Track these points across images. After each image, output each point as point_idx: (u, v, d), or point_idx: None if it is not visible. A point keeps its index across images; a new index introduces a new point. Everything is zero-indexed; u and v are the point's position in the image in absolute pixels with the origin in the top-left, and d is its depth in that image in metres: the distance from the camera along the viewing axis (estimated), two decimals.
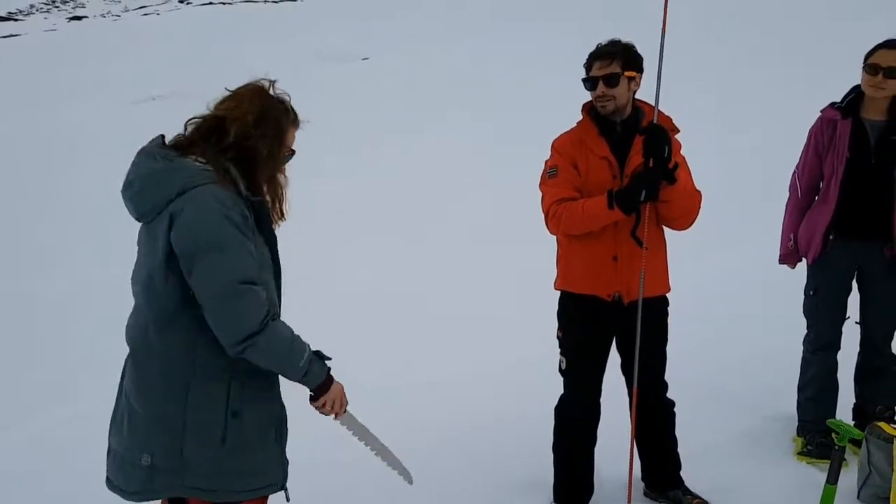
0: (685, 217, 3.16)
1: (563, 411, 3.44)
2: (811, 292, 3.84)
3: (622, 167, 3.12)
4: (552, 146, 3.28)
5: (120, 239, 2.54)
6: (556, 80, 8.42)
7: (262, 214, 2.21)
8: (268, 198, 2.26)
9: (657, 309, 3.25)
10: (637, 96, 3.20)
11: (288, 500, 2.35)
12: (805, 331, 3.93)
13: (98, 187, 8.00)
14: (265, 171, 2.23)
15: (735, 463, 3.77)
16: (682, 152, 3.20)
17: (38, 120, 9.45)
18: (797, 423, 3.94)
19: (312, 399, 2.33)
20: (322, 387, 2.29)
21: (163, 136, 2.23)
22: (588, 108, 3.23)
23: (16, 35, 17.01)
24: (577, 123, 3.27)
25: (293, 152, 2.35)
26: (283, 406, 2.36)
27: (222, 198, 2.10)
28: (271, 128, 2.21)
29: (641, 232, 3.06)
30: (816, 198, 3.80)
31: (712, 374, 4.58)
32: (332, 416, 2.37)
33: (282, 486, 2.32)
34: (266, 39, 13.74)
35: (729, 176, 7.11)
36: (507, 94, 9.75)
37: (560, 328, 3.37)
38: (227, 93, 2.27)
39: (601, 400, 3.39)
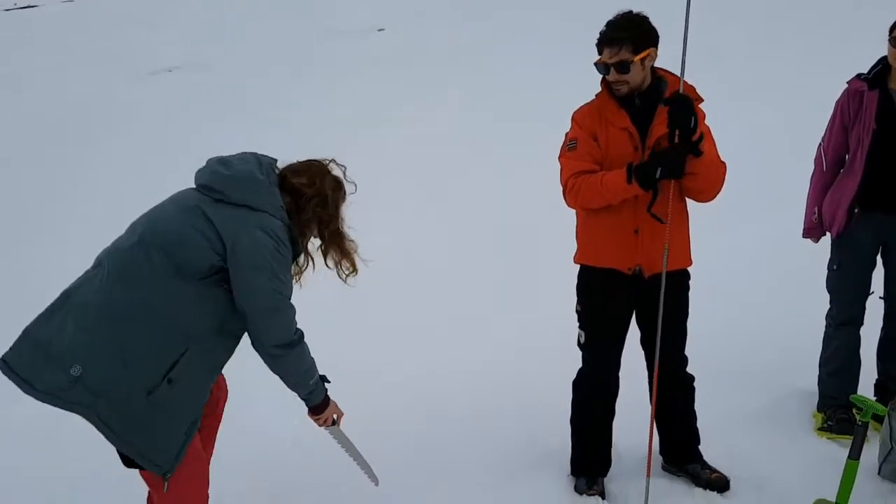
0: (710, 189, 3.11)
1: (582, 385, 3.42)
2: (835, 267, 3.79)
3: (644, 138, 3.07)
4: (572, 118, 3.23)
5: (137, 210, 2.52)
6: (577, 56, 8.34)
7: (295, 253, 2.58)
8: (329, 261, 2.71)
9: (678, 283, 3.22)
10: (657, 64, 3.12)
11: (166, 490, 2.40)
12: (828, 306, 3.88)
13: (118, 158, 8.06)
14: (333, 242, 2.68)
15: (754, 438, 3.74)
16: (706, 122, 3.14)
17: (56, 92, 9.45)
18: (818, 399, 3.91)
19: (310, 413, 2.74)
20: (320, 406, 2.70)
21: (275, 160, 2.59)
22: (606, 82, 3.14)
23: (33, 6, 16.96)
24: (596, 96, 3.21)
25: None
26: (199, 418, 2.46)
27: (280, 234, 2.44)
28: (335, 206, 2.64)
29: (658, 209, 3.01)
30: (842, 171, 3.74)
31: (732, 349, 4.54)
32: (324, 427, 2.80)
33: (164, 473, 2.37)
34: (279, 7, 13.58)
35: (753, 149, 6.99)
36: (512, 75, 9.59)
37: (579, 302, 3.34)
38: (299, 162, 2.64)
39: (620, 373, 3.37)
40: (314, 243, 2.70)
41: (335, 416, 2.81)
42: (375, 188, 3.49)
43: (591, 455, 3.43)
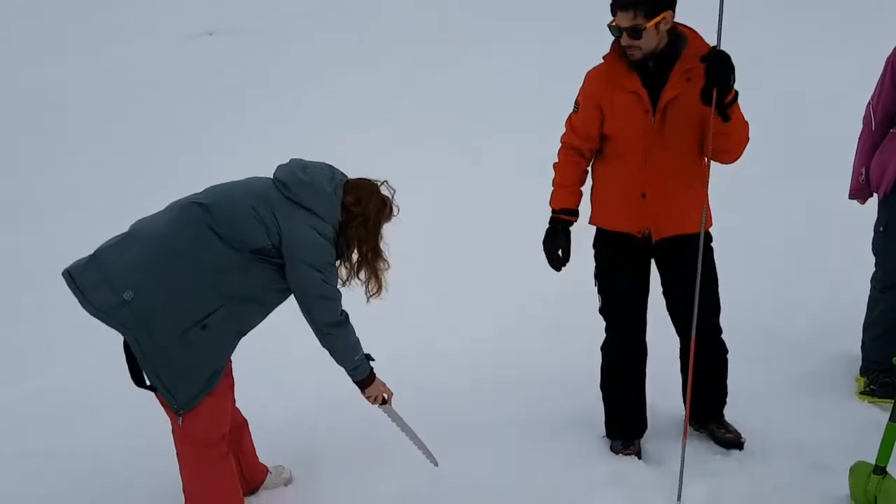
0: (736, 149, 3.01)
1: (608, 350, 3.42)
2: (881, 228, 3.70)
3: (655, 102, 2.97)
4: (584, 77, 3.16)
5: (182, 177, 2.62)
6: None
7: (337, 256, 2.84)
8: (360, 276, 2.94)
9: (692, 247, 3.05)
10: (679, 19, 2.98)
11: (181, 423, 2.59)
12: (873, 269, 3.80)
13: (160, 125, 8.16)
14: (367, 260, 2.91)
15: (795, 402, 3.71)
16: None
17: (94, 62, 9.51)
18: (860, 363, 3.86)
19: (361, 391, 2.98)
20: (366, 381, 2.94)
21: (345, 177, 2.86)
22: (618, 43, 3.00)
23: None
24: (604, 58, 3.09)
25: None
26: (223, 372, 2.67)
27: (329, 235, 2.74)
28: (376, 227, 2.88)
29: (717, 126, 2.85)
30: (892, 130, 3.63)
31: (773, 313, 4.49)
32: (377, 405, 3.04)
33: (178, 410, 2.57)
34: None
35: (795, 111, 6.84)
36: None
37: (595, 266, 3.33)
38: (355, 179, 2.87)
39: (652, 336, 3.36)
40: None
41: (385, 396, 3.06)
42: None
43: (623, 418, 3.44)
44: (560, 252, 3.25)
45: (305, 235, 2.66)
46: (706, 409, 3.43)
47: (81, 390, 4.01)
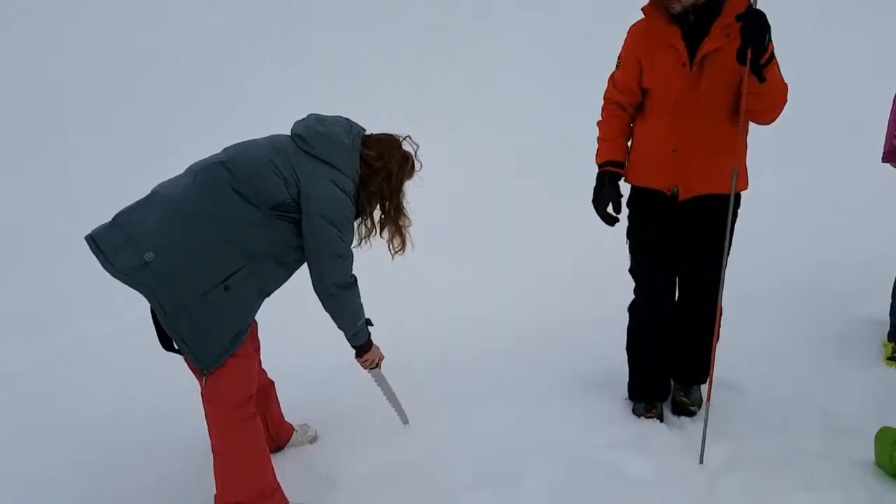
0: (771, 111, 2.93)
1: (634, 311, 3.41)
2: None
3: (693, 55, 2.92)
4: (627, 32, 3.13)
5: (192, 138, 2.61)
6: None
7: (357, 213, 2.81)
8: (384, 233, 2.91)
9: (717, 209, 3.03)
10: None
11: (204, 385, 2.61)
12: None
13: (185, 90, 8.12)
14: (390, 219, 2.89)
15: (819, 366, 3.70)
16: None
17: (111, 24, 9.36)
18: (888, 329, 3.83)
19: (357, 356, 2.98)
20: (364, 346, 2.95)
21: (364, 130, 2.81)
22: None
23: None
24: (644, 10, 3.05)
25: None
26: (247, 333, 2.64)
27: (349, 190, 2.68)
28: (399, 183, 2.84)
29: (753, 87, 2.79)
30: None
31: (803, 275, 4.46)
32: (367, 369, 3.06)
33: (203, 371, 2.58)
34: None
35: (831, 74, 6.69)
36: None
37: (627, 226, 3.31)
38: (376, 134, 2.83)
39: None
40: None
41: (377, 360, 3.07)
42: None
43: (647, 381, 3.44)
44: (611, 206, 3.20)
45: (324, 189, 2.62)
46: (681, 370, 3.45)
47: (112, 352, 4.07)
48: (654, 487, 2.91)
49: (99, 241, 2.52)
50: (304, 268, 2.79)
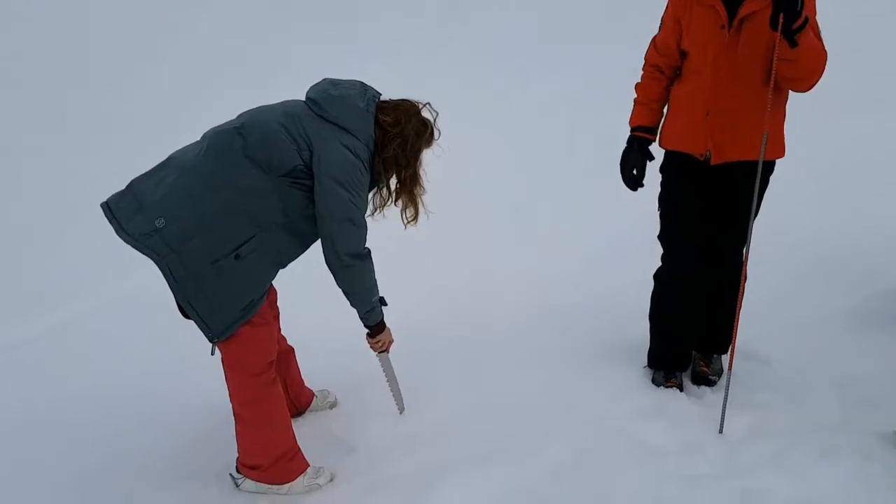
0: (806, 78, 2.89)
1: (661, 276, 3.39)
2: None
3: (732, 17, 2.88)
4: None
5: (202, 116, 2.60)
6: None
7: (372, 182, 2.75)
8: (399, 202, 2.83)
9: (750, 175, 2.99)
10: None
11: (212, 354, 2.63)
12: None
13: (202, 57, 8.09)
14: (406, 186, 2.80)
15: (842, 337, 3.67)
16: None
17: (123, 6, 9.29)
18: None
19: (369, 336, 2.93)
20: (378, 326, 2.89)
21: (379, 94, 2.74)
22: None
23: None
24: None
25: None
26: (260, 303, 2.61)
27: (363, 155, 2.62)
28: (416, 150, 2.75)
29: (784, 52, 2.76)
30: None
31: (825, 246, 4.41)
32: (376, 352, 3.02)
33: (212, 339, 2.57)
34: None
35: (860, 40, 6.55)
36: None
37: (659, 191, 3.28)
38: (394, 100, 2.75)
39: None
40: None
41: (388, 343, 3.01)
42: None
43: (667, 350, 3.43)
44: (634, 171, 3.20)
45: (336, 152, 2.55)
46: (702, 339, 3.44)
47: (129, 320, 4.10)
48: (674, 456, 2.91)
49: (113, 208, 2.52)
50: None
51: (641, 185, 3.24)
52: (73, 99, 7.09)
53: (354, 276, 2.68)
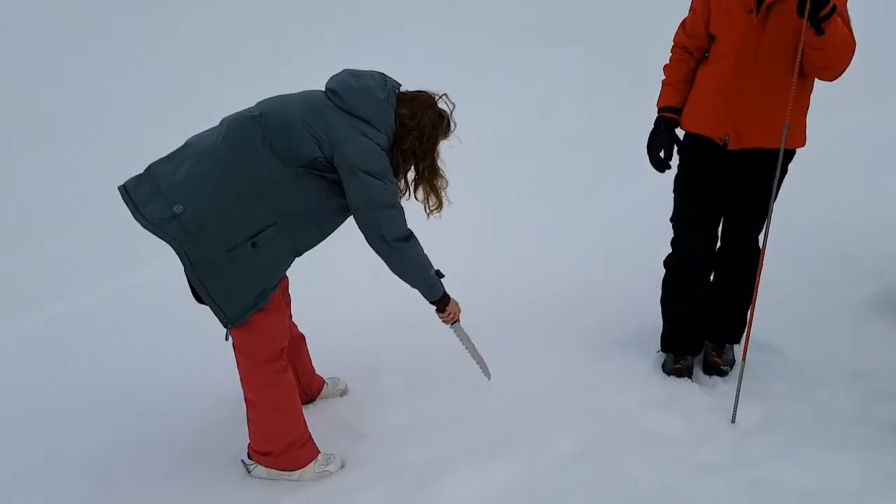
0: (833, 68, 2.86)
1: (671, 261, 3.39)
2: None
3: (760, 1, 2.86)
4: None
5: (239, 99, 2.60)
6: None
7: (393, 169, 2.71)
8: (419, 195, 2.82)
9: (769, 163, 2.99)
10: None
11: (226, 339, 2.67)
12: None
13: (220, 42, 8.10)
14: (417, 167, 2.78)
15: (856, 328, 3.64)
16: None
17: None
18: None
19: (438, 311, 2.92)
20: (443, 300, 2.87)
21: (399, 85, 2.73)
22: None
23: None
24: None
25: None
26: (273, 291, 2.62)
27: (382, 144, 2.62)
28: (433, 142, 2.74)
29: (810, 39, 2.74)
30: None
31: (840, 237, 4.37)
32: (449, 324, 2.99)
33: (227, 325, 2.59)
34: None
35: (885, 23, 6.46)
36: None
37: (676, 173, 3.27)
38: (411, 91, 2.73)
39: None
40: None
41: (457, 313, 3.00)
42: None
43: (677, 333, 3.43)
44: (662, 153, 3.19)
45: (359, 143, 2.55)
46: (716, 325, 3.43)
47: (141, 306, 4.12)
48: (684, 446, 2.90)
49: (131, 192, 2.52)
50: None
51: (668, 167, 3.23)
52: (75, 95, 7.10)
53: (406, 257, 2.69)
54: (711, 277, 3.38)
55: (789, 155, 3.07)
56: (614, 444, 2.91)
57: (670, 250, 3.39)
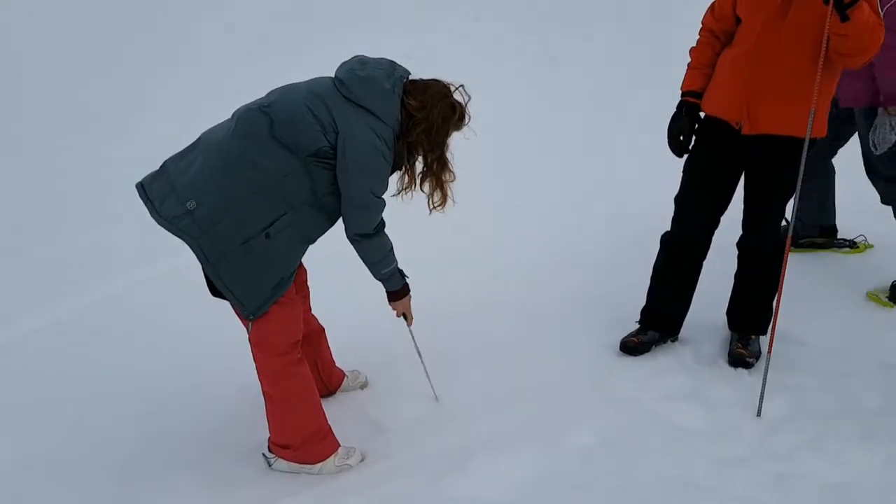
0: (859, 54, 2.81)
1: (666, 241, 3.40)
2: None
3: None
4: None
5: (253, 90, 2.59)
6: None
7: (396, 165, 2.71)
8: (425, 187, 2.77)
9: (785, 151, 2.98)
10: None
11: (249, 330, 2.65)
12: None
13: (234, 36, 8.11)
14: (425, 159, 2.74)
15: (879, 318, 3.61)
16: None
17: None
18: None
19: (389, 300, 2.93)
20: (395, 293, 2.90)
21: (408, 73, 2.66)
22: None
23: None
24: None
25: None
26: (290, 280, 2.64)
27: (387, 139, 2.58)
28: (442, 135, 2.68)
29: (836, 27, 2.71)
30: None
31: (866, 224, 4.29)
32: (407, 325, 3.04)
33: (248, 317, 2.60)
34: None
35: None
36: None
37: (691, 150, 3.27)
38: (424, 81, 2.67)
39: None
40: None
41: (406, 315, 3.01)
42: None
43: (657, 309, 3.44)
44: (681, 136, 3.18)
45: (361, 135, 2.52)
46: (739, 316, 3.41)
47: (159, 299, 4.14)
48: (708, 438, 2.88)
49: (147, 190, 2.54)
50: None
51: (687, 151, 3.22)
52: (92, 91, 7.13)
53: (363, 250, 2.75)
54: (703, 264, 3.38)
55: (810, 143, 3.00)
56: (636, 437, 2.89)
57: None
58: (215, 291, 2.64)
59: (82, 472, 2.89)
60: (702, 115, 3.20)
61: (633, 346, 3.39)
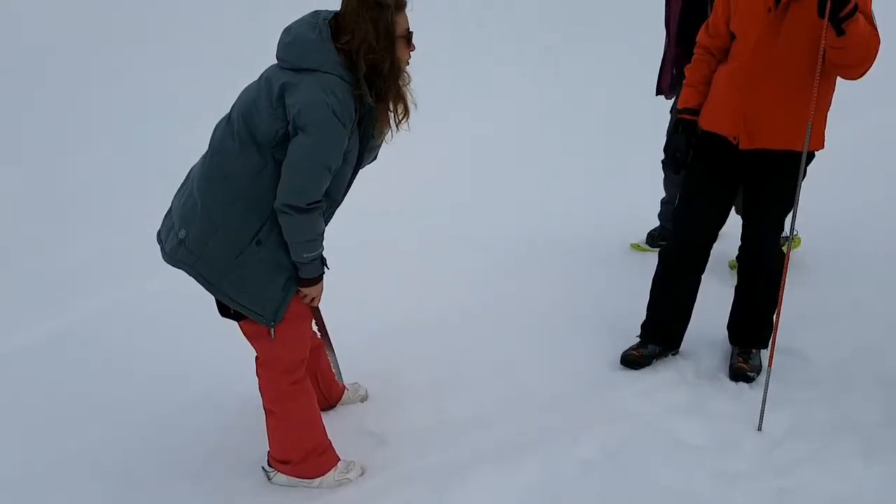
0: (856, 66, 2.81)
1: (665, 254, 3.39)
2: None
3: (779, 0, 2.83)
4: None
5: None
6: None
7: (369, 116, 2.48)
8: (390, 104, 2.52)
9: (783, 164, 2.98)
10: None
11: (273, 336, 2.59)
12: None
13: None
14: (390, 81, 2.48)
15: (881, 332, 3.57)
16: None
17: None
18: None
19: (300, 286, 2.63)
20: (308, 281, 2.62)
21: (334, 13, 2.45)
22: None
23: None
24: None
25: (411, 33, 2.49)
26: (293, 275, 2.58)
27: (337, 91, 2.36)
28: (382, 42, 2.40)
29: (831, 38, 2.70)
30: None
31: (869, 238, 4.30)
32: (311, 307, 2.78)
33: (269, 323, 2.56)
34: None
35: None
36: None
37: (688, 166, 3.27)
38: (338, 13, 2.44)
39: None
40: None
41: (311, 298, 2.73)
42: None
43: (657, 323, 3.43)
44: (678, 153, 3.20)
45: (305, 91, 2.35)
46: (740, 329, 3.41)
47: (163, 310, 4.11)
48: (710, 452, 2.86)
49: (160, 233, 2.60)
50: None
51: (685, 168, 3.24)
52: (103, 96, 7.14)
53: (289, 225, 2.47)
54: (701, 278, 3.37)
55: (808, 157, 3.03)
56: (638, 451, 2.87)
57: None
58: (225, 311, 2.62)
59: (82, 482, 2.89)
60: (699, 131, 3.20)
61: (633, 360, 3.38)
